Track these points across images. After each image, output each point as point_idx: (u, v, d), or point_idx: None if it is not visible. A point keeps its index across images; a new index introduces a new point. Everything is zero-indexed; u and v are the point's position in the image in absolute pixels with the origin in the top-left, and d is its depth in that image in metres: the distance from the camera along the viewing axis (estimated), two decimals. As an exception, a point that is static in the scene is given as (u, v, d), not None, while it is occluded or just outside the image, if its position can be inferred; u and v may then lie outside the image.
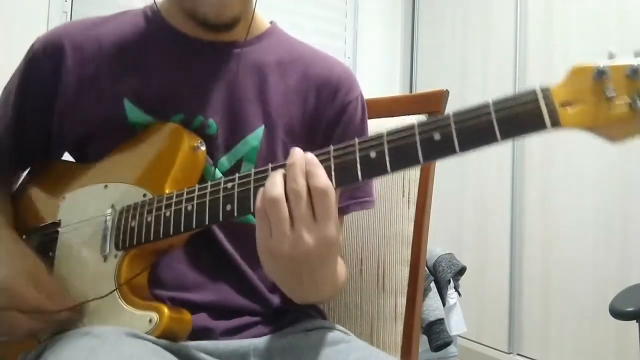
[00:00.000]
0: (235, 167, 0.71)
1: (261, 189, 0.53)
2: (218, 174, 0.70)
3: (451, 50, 2.76)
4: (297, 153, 0.53)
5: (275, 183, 0.51)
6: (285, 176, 0.52)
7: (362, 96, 0.81)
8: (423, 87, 2.94)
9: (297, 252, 0.51)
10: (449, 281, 2.07)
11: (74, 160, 0.77)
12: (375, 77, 2.92)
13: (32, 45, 0.75)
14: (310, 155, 0.53)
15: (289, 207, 0.51)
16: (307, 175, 0.51)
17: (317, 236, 0.51)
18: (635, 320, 1.27)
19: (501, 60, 2.45)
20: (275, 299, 0.71)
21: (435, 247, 2.15)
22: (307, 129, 0.75)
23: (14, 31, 1.89)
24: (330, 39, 2.73)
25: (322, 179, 0.51)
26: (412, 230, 0.87)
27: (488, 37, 2.56)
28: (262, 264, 0.57)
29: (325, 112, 0.76)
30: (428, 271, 2.06)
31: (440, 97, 0.87)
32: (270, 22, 0.82)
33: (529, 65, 2.33)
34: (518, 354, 2.28)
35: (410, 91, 3.00)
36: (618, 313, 1.28)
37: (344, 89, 0.78)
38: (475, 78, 2.58)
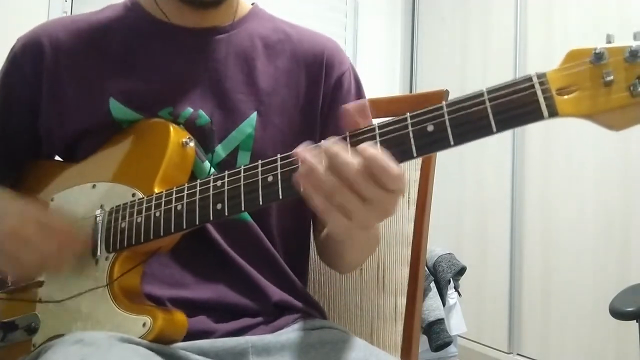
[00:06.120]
0: (231, 156, 0.70)
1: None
2: (209, 169, 0.68)
3: (451, 50, 2.75)
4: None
5: (347, 163, 0.46)
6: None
7: (352, 67, 0.80)
8: (423, 87, 2.94)
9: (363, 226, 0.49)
10: (449, 281, 2.08)
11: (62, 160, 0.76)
12: (376, 77, 2.91)
13: (13, 47, 0.74)
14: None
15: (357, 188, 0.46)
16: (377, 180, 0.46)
17: (381, 210, 0.48)
18: (635, 320, 1.27)
19: (501, 60, 2.45)
20: (274, 294, 0.70)
21: (435, 247, 2.15)
22: (303, 110, 0.74)
23: (14, 31, 1.89)
24: (330, 39, 2.73)
25: (395, 171, 0.46)
26: (412, 230, 0.87)
27: (488, 37, 2.55)
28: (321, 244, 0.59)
29: (321, 90, 0.75)
30: (428, 271, 2.06)
31: (440, 97, 0.87)
32: (252, 4, 0.80)
33: (529, 65, 2.32)
34: (518, 354, 2.28)
35: (410, 91, 2.99)
36: (618, 313, 1.28)
37: (335, 63, 0.77)
38: (475, 78, 2.57)
